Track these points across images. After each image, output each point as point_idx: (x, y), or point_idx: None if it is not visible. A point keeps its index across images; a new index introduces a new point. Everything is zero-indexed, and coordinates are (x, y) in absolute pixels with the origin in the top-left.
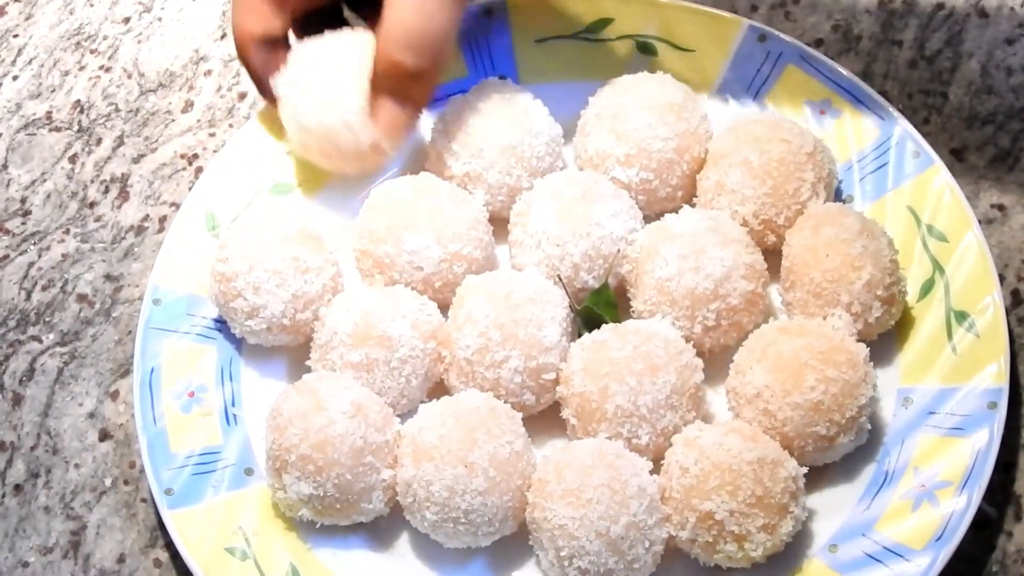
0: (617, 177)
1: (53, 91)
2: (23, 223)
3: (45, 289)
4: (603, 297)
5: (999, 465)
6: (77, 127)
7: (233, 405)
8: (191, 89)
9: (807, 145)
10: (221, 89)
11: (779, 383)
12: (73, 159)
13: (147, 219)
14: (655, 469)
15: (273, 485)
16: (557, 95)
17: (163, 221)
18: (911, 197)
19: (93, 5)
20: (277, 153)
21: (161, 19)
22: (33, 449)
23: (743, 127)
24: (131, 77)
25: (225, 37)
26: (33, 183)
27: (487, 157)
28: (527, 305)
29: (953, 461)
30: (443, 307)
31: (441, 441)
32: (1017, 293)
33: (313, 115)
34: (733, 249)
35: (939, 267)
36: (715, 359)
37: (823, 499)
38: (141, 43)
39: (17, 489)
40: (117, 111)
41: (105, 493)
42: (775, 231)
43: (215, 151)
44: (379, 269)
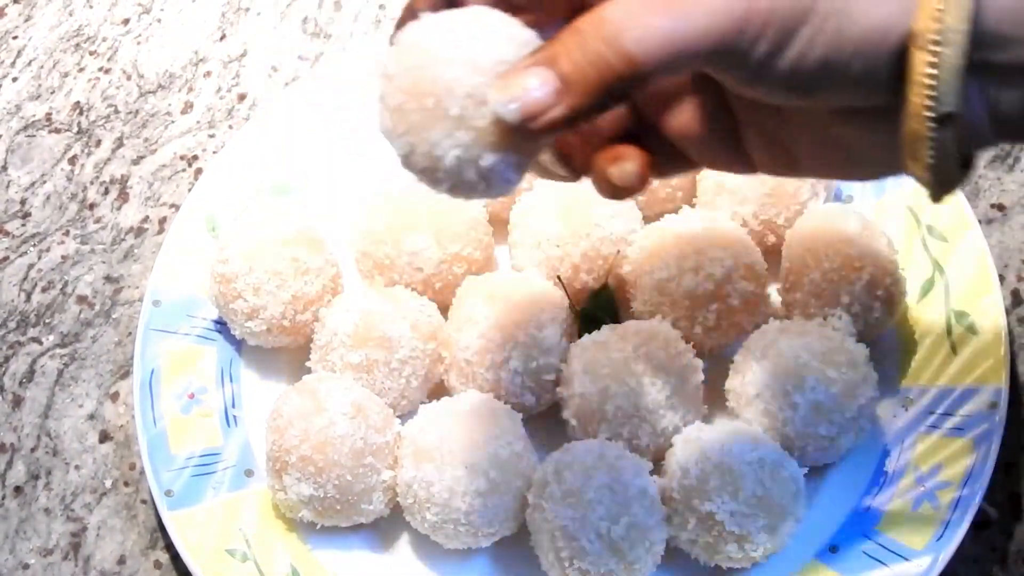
0: None
1: (52, 93)
2: (23, 225)
3: (45, 291)
4: (603, 297)
5: (999, 465)
6: (77, 128)
7: (233, 406)
8: (190, 90)
9: None
10: (220, 90)
11: (779, 383)
12: (73, 160)
13: (147, 220)
14: (655, 470)
15: (273, 486)
16: None
17: (163, 222)
18: (911, 197)
19: (92, 7)
20: (277, 154)
21: (160, 20)
22: (33, 451)
23: None
24: (130, 78)
25: (224, 38)
26: (33, 185)
27: None
28: (527, 306)
29: (953, 461)
30: (443, 308)
31: (441, 442)
32: (1017, 293)
33: (442, 50)
34: (733, 249)
35: (939, 267)
36: (715, 359)
37: (823, 499)
38: (140, 44)
39: (17, 491)
40: (116, 112)
41: (105, 494)
42: (775, 231)
43: (215, 152)
44: (379, 270)
